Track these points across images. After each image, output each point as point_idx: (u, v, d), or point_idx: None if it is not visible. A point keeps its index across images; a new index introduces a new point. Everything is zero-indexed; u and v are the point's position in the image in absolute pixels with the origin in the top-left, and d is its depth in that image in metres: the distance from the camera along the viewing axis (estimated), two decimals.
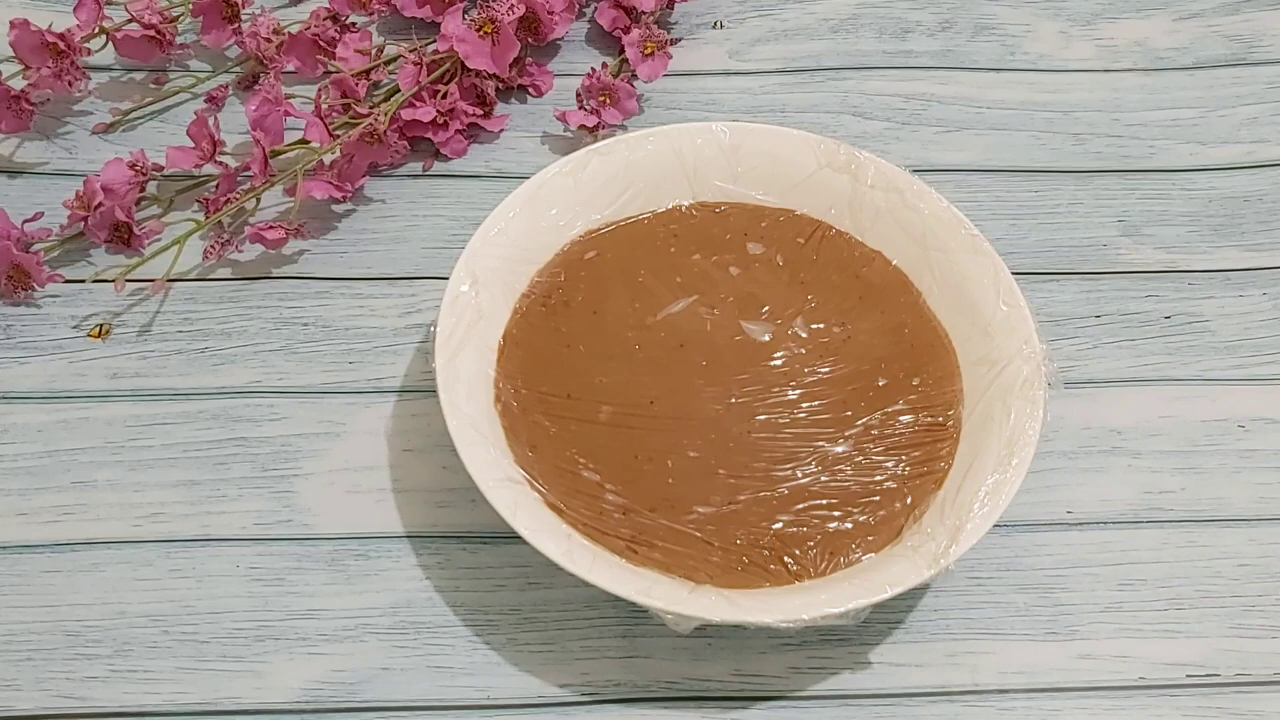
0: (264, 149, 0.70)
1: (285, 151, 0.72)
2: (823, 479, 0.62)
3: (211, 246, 0.69)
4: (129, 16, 0.75)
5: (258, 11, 0.79)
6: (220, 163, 0.71)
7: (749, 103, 0.80)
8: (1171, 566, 0.64)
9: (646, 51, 0.78)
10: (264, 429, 0.66)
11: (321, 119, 0.71)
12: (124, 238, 0.71)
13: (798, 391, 0.64)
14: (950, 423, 0.64)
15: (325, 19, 0.77)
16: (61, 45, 0.72)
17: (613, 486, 0.61)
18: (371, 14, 0.81)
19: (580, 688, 0.59)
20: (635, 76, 0.79)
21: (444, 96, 0.75)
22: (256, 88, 0.75)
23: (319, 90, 0.73)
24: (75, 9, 0.74)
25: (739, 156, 0.71)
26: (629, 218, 0.70)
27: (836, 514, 0.61)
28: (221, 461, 0.65)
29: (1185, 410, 0.69)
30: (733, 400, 0.64)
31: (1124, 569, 0.64)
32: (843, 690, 0.60)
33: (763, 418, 0.63)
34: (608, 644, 0.60)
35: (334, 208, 0.74)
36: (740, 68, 0.82)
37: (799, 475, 0.62)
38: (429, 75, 0.75)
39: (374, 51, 0.77)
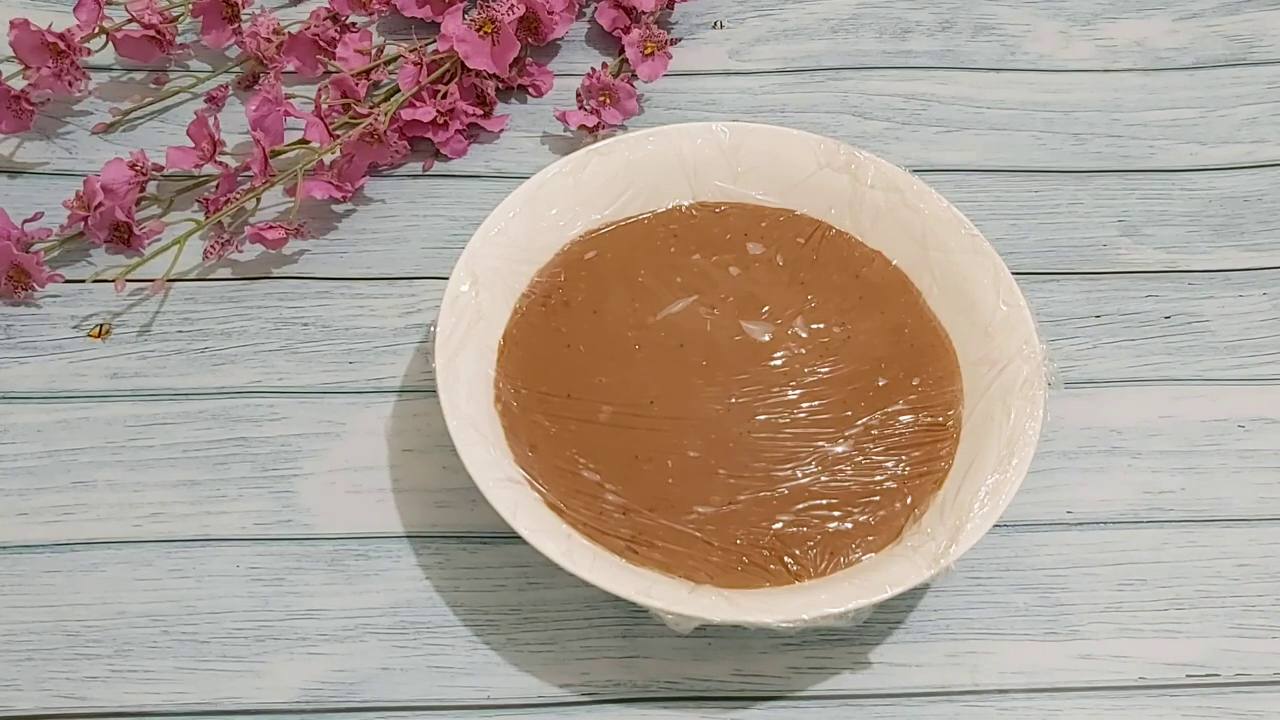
0: (264, 149, 0.70)
1: (285, 151, 0.72)
2: (823, 479, 0.62)
3: (211, 246, 0.69)
4: (129, 16, 0.75)
5: (258, 11, 0.79)
6: (220, 163, 0.71)
7: (749, 103, 0.80)
8: (1171, 566, 0.64)
9: (646, 51, 0.78)
10: (264, 429, 0.66)
11: (321, 119, 0.71)
12: (124, 238, 0.71)
13: (798, 391, 0.64)
14: (950, 423, 0.64)
15: (325, 19, 0.77)
16: (61, 45, 0.72)
17: (613, 486, 0.61)
18: (371, 14, 0.81)
19: (580, 688, 0.59)
20: (635, 76, 0.79)
21: (444, 96, 0.75)
22: (256, 88, 0.75)
23: (319, 90, 0.73)
24: (75, 9, 0.74)
25: (739, 156, 0.71)
26: (629, 218, 0.70)
27: (836, 514, 0.61)
28: (221, 461, 0.65)
29: (1185, 410, 0.69)
30: (733, 400, 0.64)
31: (1124, 569, 0.64)
32: (843, 690, 0.60)
33: (763, 418, 0.63)
34: (607, 644, 0.60)
35: (334, 208, 0.74)
36: (740, 68, 0.82)
37: (799, 475, 0.62)
38: (429, 75, 0.75)
39: (374, 51, 0.77)
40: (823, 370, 0.65)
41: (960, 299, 0.67)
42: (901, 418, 0.64)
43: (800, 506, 0.61)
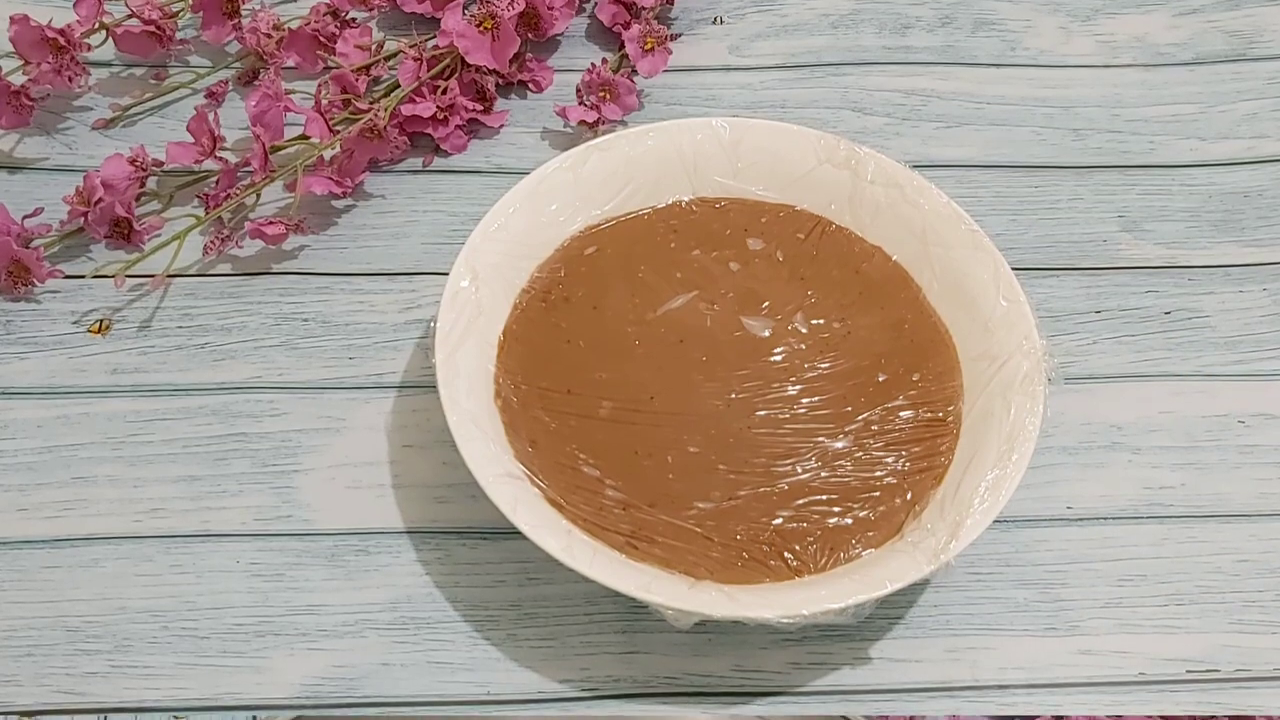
0: (264, 144, 0.70)
1: (285, 147, 0.72)
2: (823, 474, 0.62)
3: (211, 242, 0.69)
4: (129, 12, 0.75)
5: (258, 7, 0.79)
6: (220, 158, 0.71)
7: (749, 98, 0.80)
8: (1171, 562, 0.64)
9: (646, 47, 0.78)
10: (264, 424, 0.66)
11: (322, 114, 0.71)
12: (124, 233, 0.71)
13: (798, 387, 0.64)
14: (950, 418, 0.64)
15: (325, 14, 0.77)
16: (61, 41, 0.72)
17: (613, 482, 0.61)
18: (371, 9, 0.80)
19: (580, 683, 0.59)
20: (635, 72, 0.78)
21: (444, 92, 0.75)
22: (256, 83, 0.75)
23: (319, 86, 0.73)
24: (75, 4, 0.74)
25: (739, 152, 0.71)
26: (629, 213, 0.70)
27: (836, 509, 0.61)
28: (222, 457, 0.65)
29: (1185, 406, 0.69)
30: (733, 396, 0.64)
31: (1124, 564, 0.64)
32: (843, 686, 0.60)
33: (763, 413, 0.63)
34: (607, 639, 0.60)
35: (334, 203, 0.74)
36: (740, 63, 0.81)
37: (799, 471, 0.62)
38: (429, 71, 0.75)
39: (374, 47, 0.77)
40: (823, 366, 0.65)
41: (960, 294, 0.67)
42: (901, 413, 0.64)
43: (800, 502, 0.61)
